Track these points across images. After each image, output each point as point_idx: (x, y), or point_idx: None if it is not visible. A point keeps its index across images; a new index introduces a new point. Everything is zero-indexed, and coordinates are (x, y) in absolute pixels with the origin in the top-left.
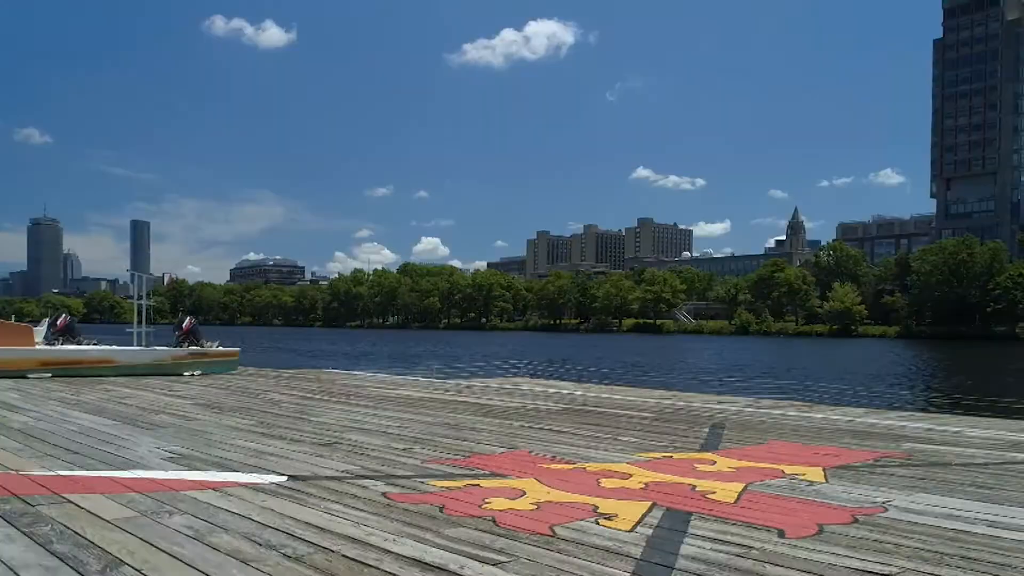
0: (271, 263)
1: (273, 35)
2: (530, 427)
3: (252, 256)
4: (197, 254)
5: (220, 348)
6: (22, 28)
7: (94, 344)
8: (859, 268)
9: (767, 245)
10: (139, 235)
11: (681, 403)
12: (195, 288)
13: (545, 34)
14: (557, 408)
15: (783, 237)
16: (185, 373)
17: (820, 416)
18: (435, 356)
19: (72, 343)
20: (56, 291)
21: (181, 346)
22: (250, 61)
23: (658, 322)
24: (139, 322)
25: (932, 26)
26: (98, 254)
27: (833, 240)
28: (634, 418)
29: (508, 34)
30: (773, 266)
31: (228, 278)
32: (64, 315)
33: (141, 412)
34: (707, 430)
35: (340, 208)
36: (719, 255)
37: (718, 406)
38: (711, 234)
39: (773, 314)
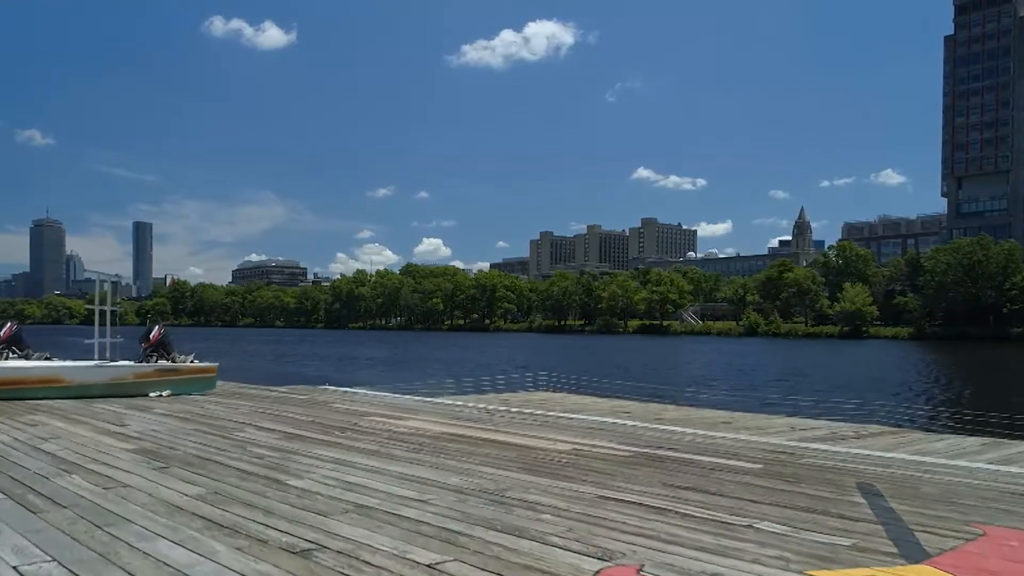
0: (273, 264)
1: (273, 36)
2: (609, 498)
3: (254, 257)
4: (199, 255)
5: (196, 363)
6: (22, 30)
7: (46, 359)
8: (868, 268)
9: (770, 245)
10: (141, 236)
11: (773, 440)
12: (197, 289)
13: (545, 35)
14: (625, 453)
15: (785, 237)
16: (151, 394)
17: (959, 461)
18: (443, 362)
19: (18, 357)
20: (58, 292)
21: (148, 360)
22: (251, 62)
23: (664, 323)
24: (101, 331)
25: (933, 25)
26: (100, 255)
27: (839, 240)
28: (739, 471)
29: (507, 35)
30: (781, 266)
31: (230, 279)
32: (10, 323)
33: (47, 472)
34: (861, 499)
35: (341, 209)
36: (724, 255)
37: (830, 448)
38: (713, 234)
39: (782, 315)
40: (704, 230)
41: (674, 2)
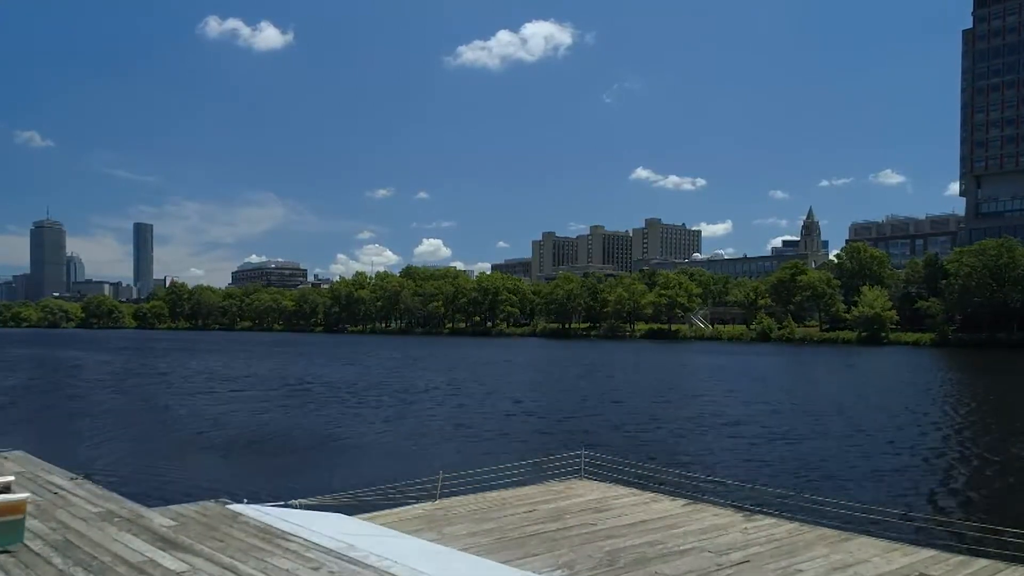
0: (273, 265)
1: (270, 36)
2: None
3: (255, 258)
4: (200, 256)
5: None
6: (22, 31)
7: None
8: (883, 270)
9: (773, 245)
10: (142, 237)
11: None
12: (194, 292)
13: (542, 35)
14: None
15: (788, 237)
16: None
17: None
18: (437, 395)
19: None
20: (57, 294)
21: None
22: (250, 62)
23: (673, 327)
24: None
25: (932, 25)
26: (101, 256)
27: (847, 240)
28: None
29: (504, 36)
30: (793, 268)
31: (231, 280)
32: None
33: None
34: None
35: (342, 209)
36: (729, 256)
37: None
38: (713, 234)
39: (794, 319)
40: (704, 230)
41: (673, 2)
